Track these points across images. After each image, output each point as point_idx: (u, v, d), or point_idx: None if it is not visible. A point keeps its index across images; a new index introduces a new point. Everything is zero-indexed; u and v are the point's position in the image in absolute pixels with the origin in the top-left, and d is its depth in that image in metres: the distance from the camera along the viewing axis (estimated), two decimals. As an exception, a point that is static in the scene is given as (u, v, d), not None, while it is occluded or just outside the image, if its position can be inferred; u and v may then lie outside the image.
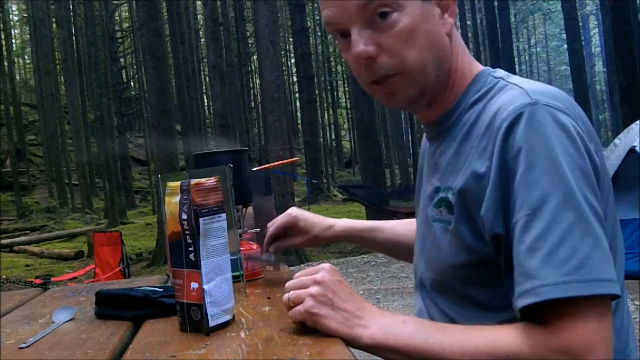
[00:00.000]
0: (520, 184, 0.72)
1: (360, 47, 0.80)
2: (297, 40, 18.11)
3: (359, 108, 12.22)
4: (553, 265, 0.68)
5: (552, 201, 0.70)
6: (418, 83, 0.83)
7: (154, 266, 9.76)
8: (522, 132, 0.73)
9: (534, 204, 0.71)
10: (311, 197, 17.65)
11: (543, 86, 0.80)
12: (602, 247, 0.69)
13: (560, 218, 0.69)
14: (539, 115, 0.73)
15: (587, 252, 0.68)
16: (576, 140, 0.73)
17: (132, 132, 28.29)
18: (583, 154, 0.73)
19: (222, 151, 1.25)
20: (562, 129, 0.73)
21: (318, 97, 25.34)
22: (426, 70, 0.82)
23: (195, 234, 0.85)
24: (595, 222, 0.70)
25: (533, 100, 0.75)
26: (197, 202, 0.85)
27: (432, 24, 0.81)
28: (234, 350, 0.77)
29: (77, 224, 16.43)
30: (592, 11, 41.01)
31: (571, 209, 0.69)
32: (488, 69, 0.89)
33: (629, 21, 10.12)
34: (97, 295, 1.08)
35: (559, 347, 0.67)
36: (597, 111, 41.80)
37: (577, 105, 0.80)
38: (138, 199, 23.29)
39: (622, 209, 5.28)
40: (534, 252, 0.69)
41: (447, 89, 0.87)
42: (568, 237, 0.68)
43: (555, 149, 0.72)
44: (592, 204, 0.71)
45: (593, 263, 0.68)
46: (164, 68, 10.46)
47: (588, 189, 0.71)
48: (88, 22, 19.64)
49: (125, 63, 29.48)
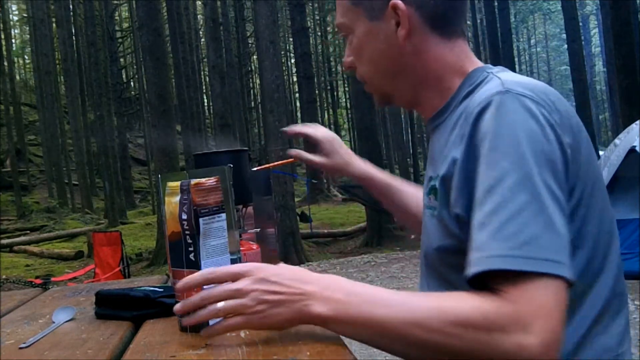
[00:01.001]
0: (482, 166, 0.75)
1: (344, 58, 1.01)
2: (297, 40, 18.12)
3: (359, 108, 12.22)
4: (500, 239, 0.69)
5: (508, 180, 0.71)
6: (380, 90, 0.98)
7: (154, 266, 9.76)
8: (490, 117, 0.77)
9: (490, 183, 0.73)
10: (311, 197, 17.64)
11: (524, 79, 0.83)
12: (555, 230, 0.69)
13: (514, 197, 0.70)
14: (509, 103, 0.76)
15: (537, 232, 0.69)
16: (545, 128, 0.74)
17: (132, 132, 28.29)
18: (550, 141, 0.74)
19: (222, 151, 1.24)
20: (530, 115, 0.75)
21: (318, 97, 25.35)
22: (378, 81, 0.96)
23: (195, 234, 0.85)
24: (552, 205, 0.71)
25: (505, 89, 0.78)
26: (197, 202, 0.85)
27: (379, 42, 0.93)
28: (234, 350, 0.77)
29: (77, 224, 16.43)
30: (592, 11, 41.01)
31: (527, 189, 0.71)
32: (487, 66, 0.92)
33: (629, 21, 10.11)
34: (97, 295, 1.08)
35: (510, 314, 0.67)
36: (597, 111, 41.79)
37: (561, 100, 0.81)
38: (138, 199, 23.29)
39: (622, 209, 5.28)
40: (484, 227, 0.71)
41: (431, 91, 0.93)
42: (519, 215, 0.69)
43: (520, 133, 0.74)
44: (552, 189, 0.72)
45: (542, 243, 0.68)
46: (164, 68, 10.46)
47: (550, 174, 0.72)
48: (88, 22, 19.64)
49: (125, 63, 29.48)
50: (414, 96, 0.96)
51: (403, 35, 0.90)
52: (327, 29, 34.09)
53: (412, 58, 0.92)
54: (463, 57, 0.93)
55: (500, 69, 0.91)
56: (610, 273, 0.82)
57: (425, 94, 0.94)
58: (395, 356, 0.75)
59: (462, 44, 0.94)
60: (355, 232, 12.71)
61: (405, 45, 0.91)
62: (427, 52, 0.92)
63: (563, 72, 44.11)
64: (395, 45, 0.91)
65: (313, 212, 14.60)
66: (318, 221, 14.00)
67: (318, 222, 13.83)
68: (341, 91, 39.02)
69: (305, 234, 11.43)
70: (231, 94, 16.72)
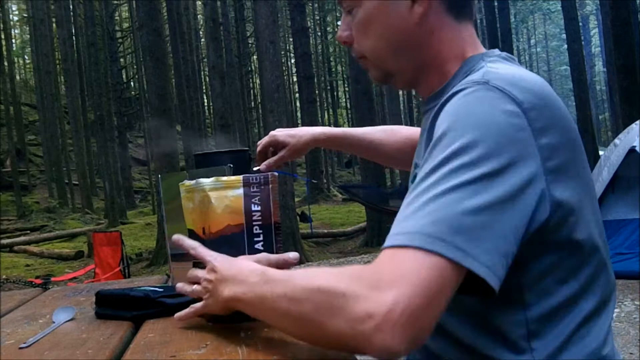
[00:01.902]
0: (430, 151, 0.72)
1: (338, 32, 0.96)
2: (297, 40, 18.10)
3: (359, 108, 12.22)
4: (416, 218, 0.66)
5: (446, 167, 0.68)
6: (379, 67, 0.93)
7: (154, 266, 9.76)
8: (454, 102, 0.74)
9: (432, 167, 0.70)
10: (311, 197, 17.65)
11: (514, 73, 0.78)
12: (477, 220, 0.65)
13: (445, 181, 0.67)
14: (479, 93, 0.73)
15: (453, 214, 0.65)
16: (509, 126, 0.70)
17: (132, 132, 28.29)
18: (514, 140, 0.69)
19: (222, 151, 1.24)
20: (496, 108, 0.71)
21: (318, 97, 25.34)
22: (383, 58, 0.91)
23: (270, 223, 0.90)
24: (488, 195, 0.66)
25: (483, 80, 0.74)
26: (276, 194, 0.91)
27: (390, 18, 0.88)
28: (234, 350, 0.77)
29: (77, 224, 16.43)
30: (592, 11, 41.01)
31: (462, 174, 0.67)
32: (488, 53, 0.89)
33: (629, 21, 10.11)
34: (97, 295, 1.08)
35: (369, 279, 0.64)
36: (597, 111, 41.79)
37: (551, 98, 0.76)
38: (138, 199, 23.29)
39: (622, 209, 5.28)
40: (407, 206, 0.69)
41: (433, 73, 0.90)
42: (442, 197, 0.66)
43: (475, 123, 0.70)
44: (491, 177, 0.67)
45: (454, 226, 0.64)
46: (164, 68, 10.46)
47: (493, 170, 0.67)
48: (88, 22, 19.65)
49: (125, 63, 29.48)
50: (414, 76, 0.92)
51: (420, 13, 0.86)
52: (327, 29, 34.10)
53: (423, 37, 0.88)
54: (469, 41, 0.90)
55: (499, 57, 0.87)
56: (604, 274, 0.80)
57: (427, 75, 0.91)
58: (289, 335, 0.75)
59: (471, 27, 0.91)
60: (355, 232, 12.72)
61: (419, 24, 0.87)
62: (439, 33, 0.88)
63: (563, 72, 44.11)
64: (408, 22, 0.87)
65: (313, 212, 14.60)
66: (318, 221, 14.00)
67: (318, 222, 13.83)
68: (341, 91, 39.04)
69: (305, 234, 11.43)
70: (231, 94, 16.72)
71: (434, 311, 0.63)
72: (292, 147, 1.31)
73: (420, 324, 0.62)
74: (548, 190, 0.72)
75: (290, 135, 1.31)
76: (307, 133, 1.32)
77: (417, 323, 0.62)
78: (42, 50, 21.33)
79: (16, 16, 35.61)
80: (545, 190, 0.71)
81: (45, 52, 21.25)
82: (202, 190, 0.91)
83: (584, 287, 0.77)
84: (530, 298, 0.75)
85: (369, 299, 0.62)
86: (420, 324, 0.62)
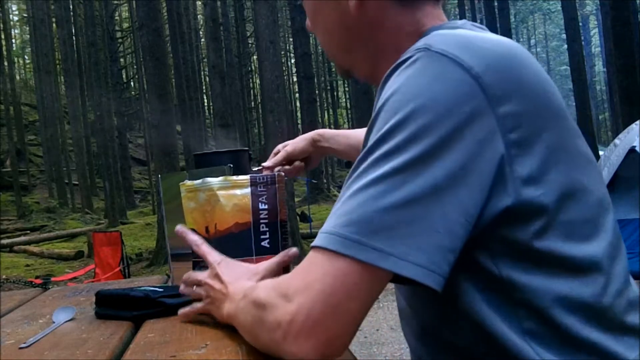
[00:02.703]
0: (366, 134, 0.67)
1: (307, 20, 0.91)
2: (297, 40, 18.10)
3: (359, 108, 12.23)
4: (334, 217, 0.62)
5: (372, 155, 0.62)
6: (337, 62, 0.89)
7: (154, 266, 9.75)
8: (393, 79, 0.66)
9: (362, 154, 0.64)
10: (311, 197, 17.64)
11: (461, 35, 0.68)
12: (403, 213, 0.59)
13: (369, 171, 0.62)
14: (418, 63, 0.64)
15: (371, 211, 0.59)
16: (454, 93, 0.61)
17: (132, 132, 28.29)
18: (450, 108, 0.61)
19: (222, 151, 1.24)
20: (435, 77, 0.62)
21: (318, 97, 25.33)
22: (334, 53, 0.88)
23: (278, 221, 0.93)
24: (416, 185, 0.59)
25: (424, 47, 0.65)
26: (282, 192, 0.94)
27: (330, 14, 0.83)
28: (234, 350, 0.77)
29: (77, 224, 16.43)
30: (592, 11, 41.01)
31: (386, 163, 0.61)
32: (448, 23, 0.80)
33: (629, 21, 10.11)
34: (97, 295, 1.08)
35: (282, 287, 0.64)
36: (597, 111, 41.80)
37: (517, 60, 0.67)
38: (138, 199, 23.29)
39: (622, 209, 5.28)
40: (338, 200, 0.65)
41: (388, 63, 0.76)
42: (363, 192, 0.61)
43: (409, 98, 0.62)
44: (423, 161, 0.60)
45: (371, 225, 0.59)
46: (164, 68, 10.45)
47: (432, 148, 0.60)
48: (88, 22, 19.64)
49: (125, 63, 29.48)
50: (372, 70, 0.85)
51: (355, 5, 0.79)
52: (327, 29, 34.01)
53: (366, 29, 0.81)
54: (425, 20, 0.80)
55: (461, 27, 0.77)
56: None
57: (383, 67, 0.78)
58: None
59: (430, 8, 0.80)
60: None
61: (358, 16, 0.80)
62: (382, 22, 0.80)
63: (563, 72, 44.09)
64: (347, 15, 0.81)
65: (313, 212, 14.61)
66: (318, 221, 14.00)
67: (318, 222, 13.83)
68: (341, 91, 39.03)
69: (305, 234, 11.43)
70: (231, 94, 16.72)
71: (343, 317, 0.60)
72: (310, 159, 1.31)
73: (325, 332, 0.60)
74: (510, 166, 0.62)
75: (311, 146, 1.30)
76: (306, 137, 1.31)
77: (321, 331, 0.60)
78: (42, 50, 21.32)
79: (16, 16, 35.61)
80: (505, 166, 0.62)
81: (45, 52, 21.24)
82: (209, 189, 0.93)
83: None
84: (531, 324, 0.66)
85: (279, 308, 0.63)
86: (325, 332, 0.60)
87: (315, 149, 1.29)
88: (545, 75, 0.70)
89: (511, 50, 0.68)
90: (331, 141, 1.29)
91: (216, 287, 0.83)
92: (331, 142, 1.29)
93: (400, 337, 4.49)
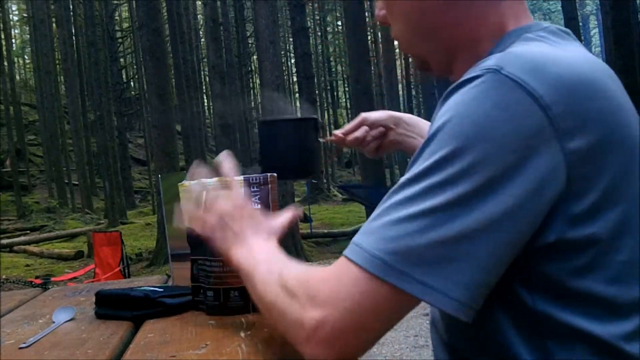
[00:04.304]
0: (419, 152, 0.63)
1: (377, 10, 0.85)
2: (297, 40, 18.08)
3: (359, 108, 12.21)
4: (377, 237, 0.60)
5: (425, 181, 0.60)
6: (414, 52, 0.83)
7: (154, 266, 9.75)
8: (455, 98, 0.62)
9: (414, 174, 0.61)
10: (311, 197, 17.64)
11: (538, 53, 0.64)
12: (450, 248, 0.58)
13: (420, 199, 0.59)
14: (484, 86, 0.60)
15: (417, 244, 0.58)
16: (518, 125, 0.57)
17: (132, 132, 28.28)
18: (512, 142, 0.57)
19: (289, 119, 1.20)
20: (499, 106, 0.58)
21: (318, 97, 25.34)
22: (410, 41, 0.81)
23: None
24: (463, 222, 0.57)
25: (495, 67, 0.61)
26: (275, 193, 0.95)
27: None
28: (234, 350, 0.77)
29: (77, 224, 16.42)
30: (592, 11, 41.01)
31: (439, 194, 0.58)
32: (532, 26, 0.74)
33: (629, 21, 10.11)
34: (97, 295, 1.08)
35: (311, 289, 0.64)
36: (597, 111, 41.70)
37: (595, 87, 0.61)
38: (138, 199, 23.28)
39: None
40: (375, 219, 0.63)
41: (465, 56, 0.76)
42: (413, 221, 0.59)
43: (468, 126, 0.59)
44: (475, 196, 0.57)
45: (416, 257, 0.58)
46: (164, 68, 10.45)
47: (488, 183, 0.57)
48: (88, 22, 19.64)
49: (125, 63, 29.47)
50: (448, 62, 0.79)
51: None
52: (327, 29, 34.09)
53: (449, 16, 0.75)
54: (509, 16, 0.74)
55: (544, 31, 0.71)
56: None
57: (460, 60, 0.77)
58: None
59: (517, 4, 0.75)
60: (355, 232, 12.64)
61: (443, 2, 0.75)
62: (467, 10, 0.74)
63: (563, 72, 44.01)
64: (428, 5, 0.76)
65: (313, 212, 14.60)
66: (318, 221, 14.00)
67: (318, 222, 13.83)
68: (341, 91, 39.04)
69: (305, 234, 11.43)
70: (231, 94, 16.72)
71: (367, 334, 0.62)
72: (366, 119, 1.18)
73: (346, 345, 0.62)
74: (566, 203, 0.59)
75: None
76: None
77: (343, 344, 0.62)
78: (42, 50, 21.33)
79: (16, 16, 35.60)
80: (560, 203, 0.59)
81: (45, 52, 21.25)
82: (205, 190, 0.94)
83: None
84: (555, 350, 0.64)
85: (305, 309, 0.64)
86: (346, 345, 0.62)
87: (392, 121, 1.19)
88: (627, 103, 0.66)
89: (590, 75, 0.62)
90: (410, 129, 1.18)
91: (235, 227, 0.82)
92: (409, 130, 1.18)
93: (400, 337, 4.48)
